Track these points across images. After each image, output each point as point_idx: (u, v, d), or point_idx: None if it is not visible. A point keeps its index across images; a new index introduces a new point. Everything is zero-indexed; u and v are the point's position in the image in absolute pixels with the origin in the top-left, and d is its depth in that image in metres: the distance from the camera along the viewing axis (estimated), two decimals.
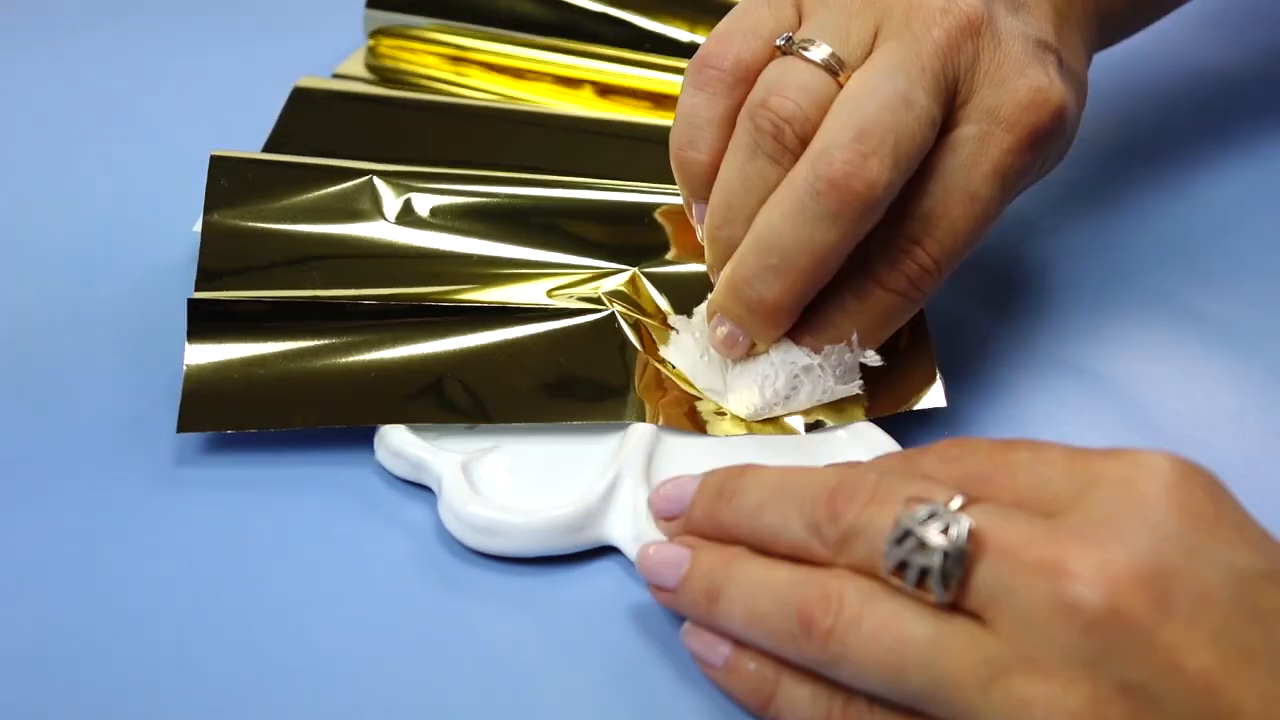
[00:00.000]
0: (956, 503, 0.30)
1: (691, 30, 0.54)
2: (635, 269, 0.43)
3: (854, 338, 0.39)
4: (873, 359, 0.39)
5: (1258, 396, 0.43)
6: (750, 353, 0.40)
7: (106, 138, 0.55)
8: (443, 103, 0.52)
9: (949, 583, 0.29)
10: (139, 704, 0.33)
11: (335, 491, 0.39)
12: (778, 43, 0.38)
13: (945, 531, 0.29)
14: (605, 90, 0.54)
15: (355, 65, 0.57)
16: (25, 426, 0.41)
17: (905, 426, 0.41)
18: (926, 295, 0.39)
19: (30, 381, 0.43)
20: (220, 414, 0.39)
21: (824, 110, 0.37)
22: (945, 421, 0.41)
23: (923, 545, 0.29)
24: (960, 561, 0.29)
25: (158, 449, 0.40)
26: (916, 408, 0.40)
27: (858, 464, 0.35)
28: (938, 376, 0.41)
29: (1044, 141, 0.39)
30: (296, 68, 0.54)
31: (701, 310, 0.42)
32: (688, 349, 0.41)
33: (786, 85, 0.37)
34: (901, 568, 0.30)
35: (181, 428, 0.39)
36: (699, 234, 0.40)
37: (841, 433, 0.40)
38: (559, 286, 0.43)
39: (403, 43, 0.57)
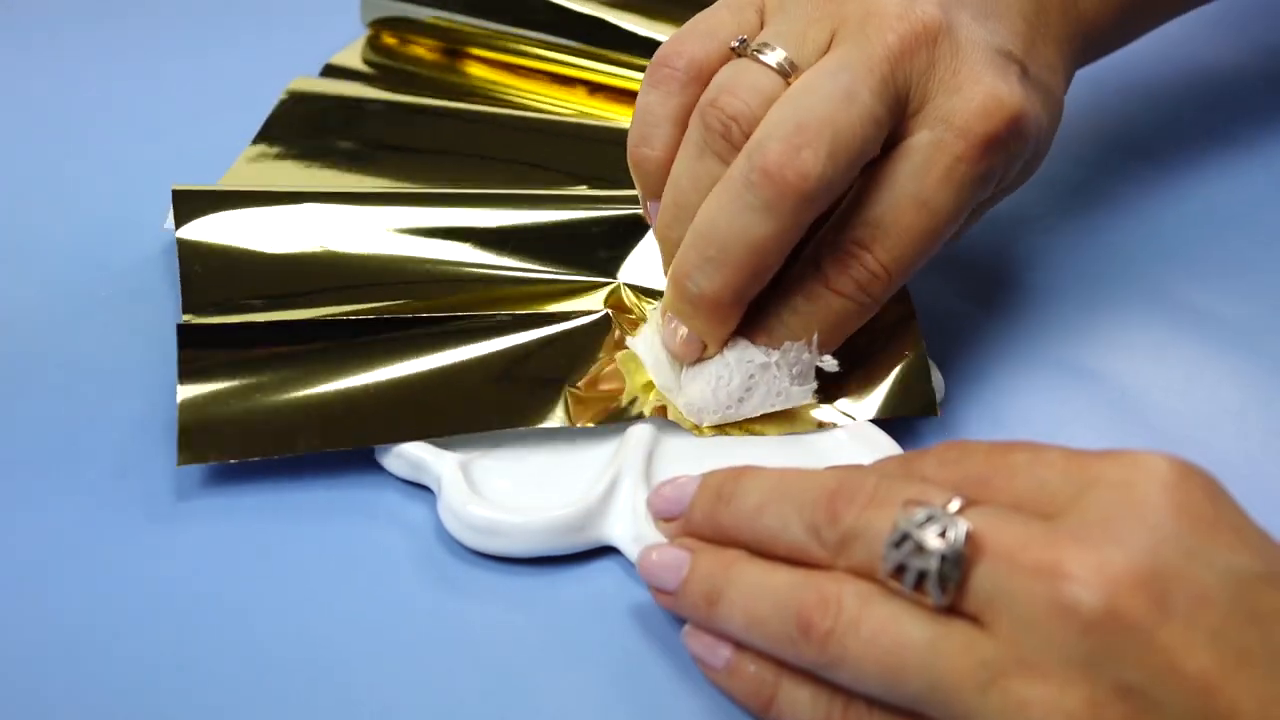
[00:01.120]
0: (954, 505, 0.30)
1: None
2: (619, 281, 0.43)
3: (813, 339, 0.38)
4: (829, 364, 0.39)
5: (1259, 395, 0.43)
6: (703, 355, 0.40)
7: (106, 137, 0.55)
8: (432, 106, 0.52)
9: (946, 586, 0.29)
10: (139, 704, 0.33)
11: (335, 491, 0.39)
12: (733, 45, 0.38)
13: (943, 535, 0.29)
14: (596, 89, 0.54)
15: (352, 57, 0.57)
16: (25, 427, 0.41)
17: (905, 427, 0.41)
18: (877, 300, 0.39)
19: (30, 382, 0.43)
20: (220, 446, 0.39)
21: None
22: (944, 423, 0.41)
23: (920, 548, 0.29)
24: (957, 564, 0.29)
25: (158, 449, 0.40)
26: (914, 413, 0.40)
27: (858, 467, 0.35)
28: (935, 381, 0.41)
29: (999, 149, 0.38)
30: (295, 66, 0.54)
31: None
32: (654, 344, 0.41)
33: (737, 85, 0.37)
34: (900, 571, 0.30)
35: (181, 460, 0.38)
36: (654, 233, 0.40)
37: (842, 434, 0.40)
38: (547, 296, 0.43)
39: (400, 34, 0.57)
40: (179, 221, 0.43)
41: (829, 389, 0.40)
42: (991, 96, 0.38)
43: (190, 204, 0.44)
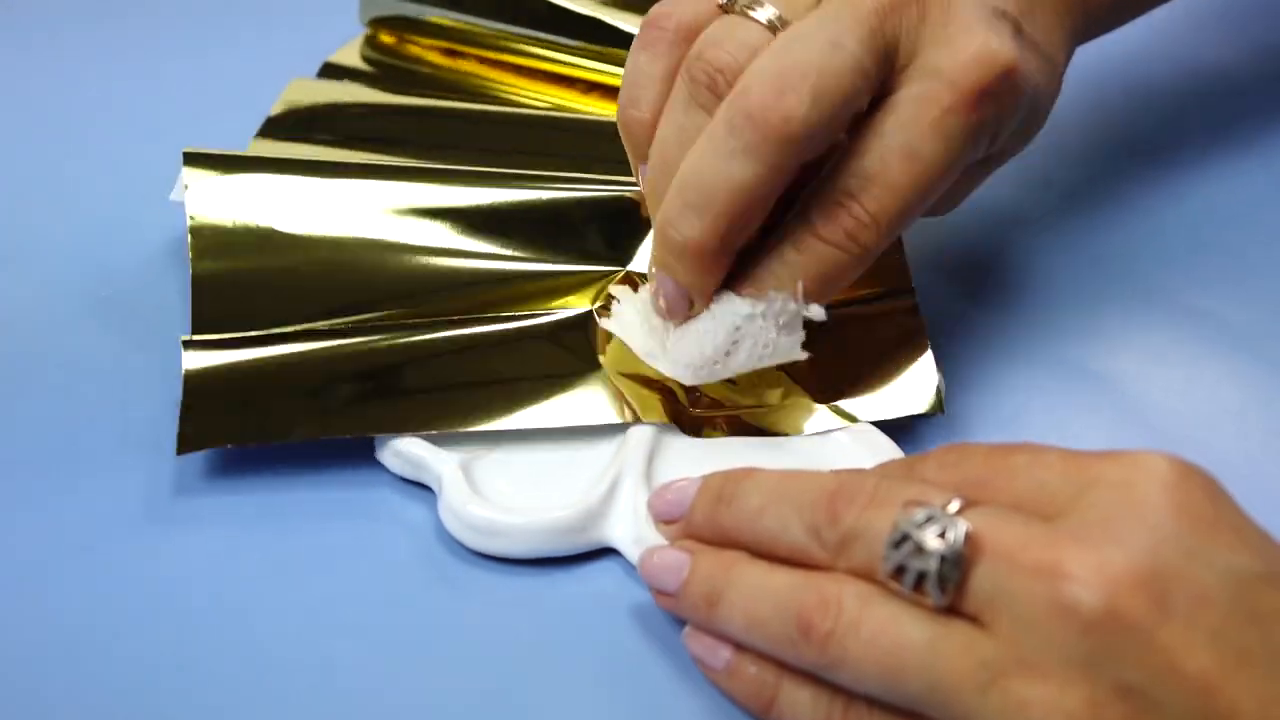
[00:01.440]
0: (954, 506, 0.30)
1: None
2: (626, 268, 0.43)
3: (799, 287, 0.38)
4: (816, 313, 0.38)
5: (1259, 395, 0.43)
6: (690, 314, 0.39)
7: (106, 137, 0.55)
8: (432, 107, 0.52)
9: (946, 586, 0.29)
10: (138, 704, 0.33)
11: (335, 492, 0.39)
12: (720, 2, 0.38)
13: (942, 535, 0.29)
14: (592, 88, 0.54)
15: (350, 55, 0.57)
16: (25, 427, 0.41)
17: (906, 430, 0.41)
18: (867, 250, 0.38)
19: (30, 381, 0.43)
20: (219, 432, 0.39)
21: None
22: (945, 423, 0.41)
23: (920, 549, 0.29)
24: (957, 565, 0.29)
25: (158, 449, 0.40)
26: (915, 413, 0.40)
27: (859, 470, 0.35)
28: (937, 382, 0.41)
29: (990, 101, 0.38)
30: (295, 66, 0.54)
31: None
32: (627, 317, 0.40)
33: (724, 39, 0.37)
34: (899, 571, 0.30)
35: (181, 449, 0.38)
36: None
37: (843, 436, 0.40)
38: (555, 291, 0.43)
39: (399, 33, 0.57)
40: (189, 181, 0.43)
41: (832, 389, 0.40)
42: (983, 49, 0.38)
43: (201, 166, 0.44)
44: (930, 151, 0.37)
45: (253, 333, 0.41)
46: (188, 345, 0.40)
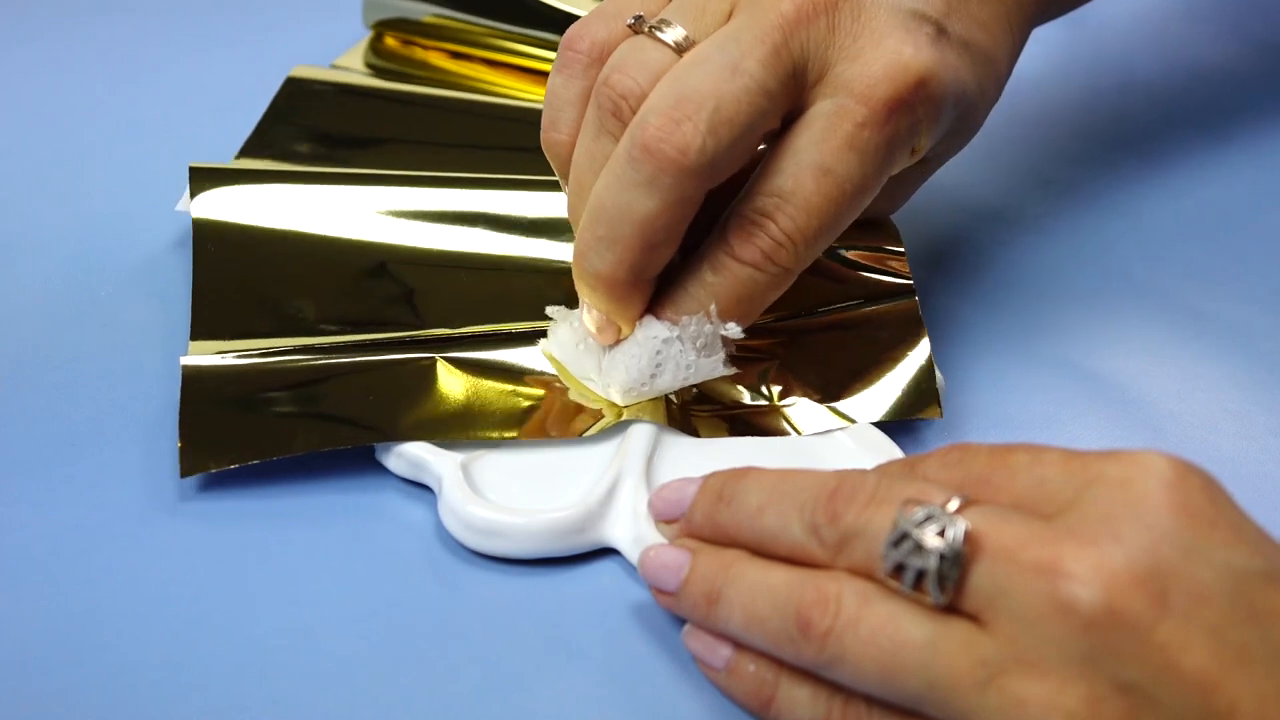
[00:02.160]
0: (954, 505, 0.30)
1: None
2: None
3: (712, 309, 0.38)
4: (733, 331, 0.38)
5: (1259, 395, 0.43)
6: (620, 337, 0.39)
7: (106, 137, 0.55)
8: (435, 96, 0.52)
9: (945, 585, 0.29)
10: (138, 703, 0.33)
11: (335, 491, 0.39)
12: (628, 21, 0.38)
13: (941, 534, 0.29)
14: None
15: (354, 59, 0.57)
16: (25, 427, 0.41)
17: (906, 430, 0.41)
18: (787, 269, 0.38)
19: (30, 381, 0.43)
20: (221, 453, 0.39)
21: None
22: (945, 423, 0.41)
23: (919, 547, 0.29)
24: (956, 563, 0.29)
25: (157, 448, 0.40)
26: (916, 415, 0.40)
27: (859, 469, 0.35)
28: (937, 383, 0.41)
29: (904, 113, 0.38)
30: (296, 64, 0.54)
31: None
32: (564, 339, 0.41)
33: (628, 63, 0.37)
34: (899, 570, 0.30)
35: (185, 472, 0.38)
36: None
37: (843, 437, 0.40)
38: (550, 294, 0.43)
39: (403, 35, 0.57)
40: (194, 194, 0.44)
41: (833, 389, 0.40)
42: (894, 60, 0.37)
43: (206, 180, 0.44)
44: (844, 168, 0.37)
45: (253, 344, 0.41)
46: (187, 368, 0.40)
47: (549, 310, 0.42)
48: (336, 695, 0.34)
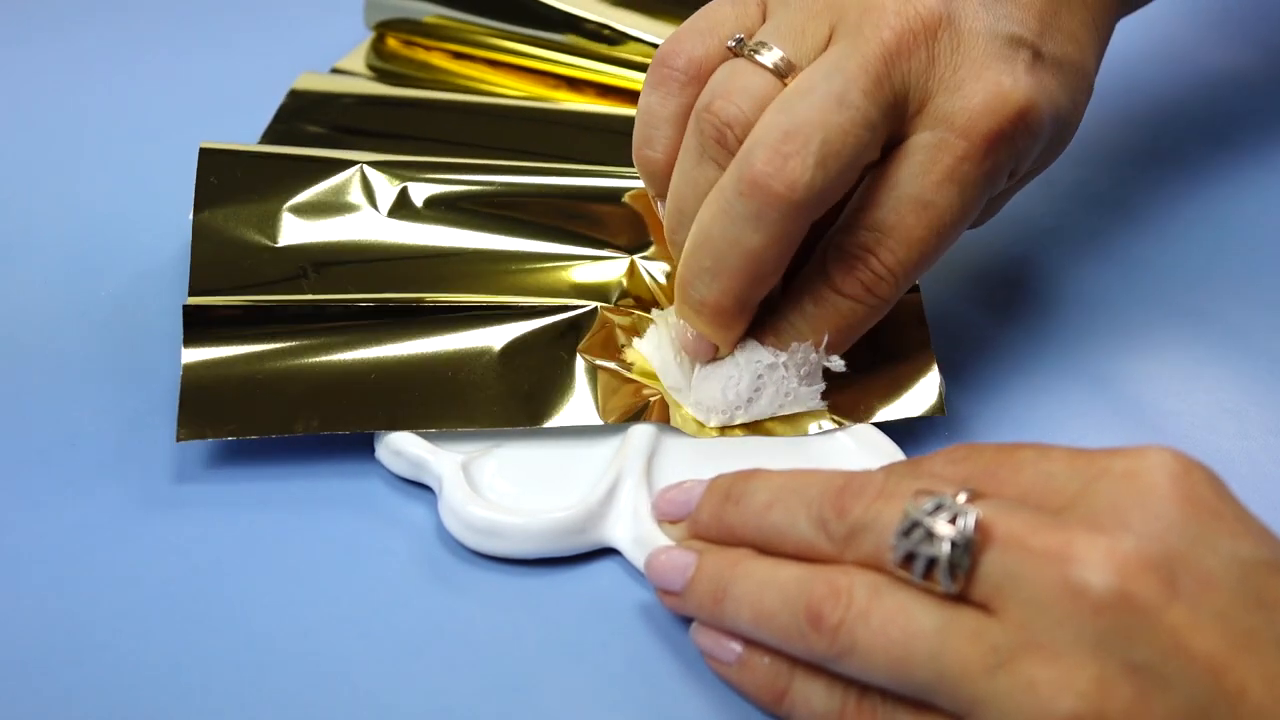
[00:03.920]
0: (962, 497, 0.30)
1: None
2: (633, 257, 0.44)
3: (822, 340, 0.38)
4: (837, 364, 0.39)
5: (1260, 395, 0.44)
6: (715, 356, 0.40)
7: (107, 137, 0.55)
8: (441, 100, 0.52)
9: (956, 573, 0.29)
10: (138, 703, 0.33)
11: (335, 491, 0.39)
12: (729, 44, 0.38)
13: (952, 521, 0.29)
14: (605, 91, 0.54)
15: (356, 61, 0.57)
16: (25, 426, 0.41)
17: (909, 432, 0.41)
18: (886, 301, 0.38)
19: (30, 381, 0.43)
20: (220, 422, 0.39)
21: None
22: (947, 423, 0.42)
23: (930, 535, 0.29)
24: (967, 551, 0.29)
25: (157, 448, 0.40)
26: (918, 415, 0.40)
27: (866, 470, 0.35)
28: (938, 384, 0.41)
29: (1004, 146, 0.38)
30: (297, 65, 0.54)
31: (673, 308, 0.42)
32: (663, 345, 0.41)
33: (731, 89, 0.37)
34: (909, 559, 0.30)
35: (181, 436, 0.38)
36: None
37: (845, 438, 0.40)
38: (558, 281, 0.43)
39: (405, 36, 0.57)
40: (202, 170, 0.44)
41: (835, 392, 0.40)
42: (994, 93, 0.37)
43: (215, 168, 0.44)
44: (945, 201, 0.37)
45: (252, 298, 0.41)
46: (189, 324, 0.40)
47: (654, 313, 0.42)
48: (336, 695, 0.34)
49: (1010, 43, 0.38)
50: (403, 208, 0.44)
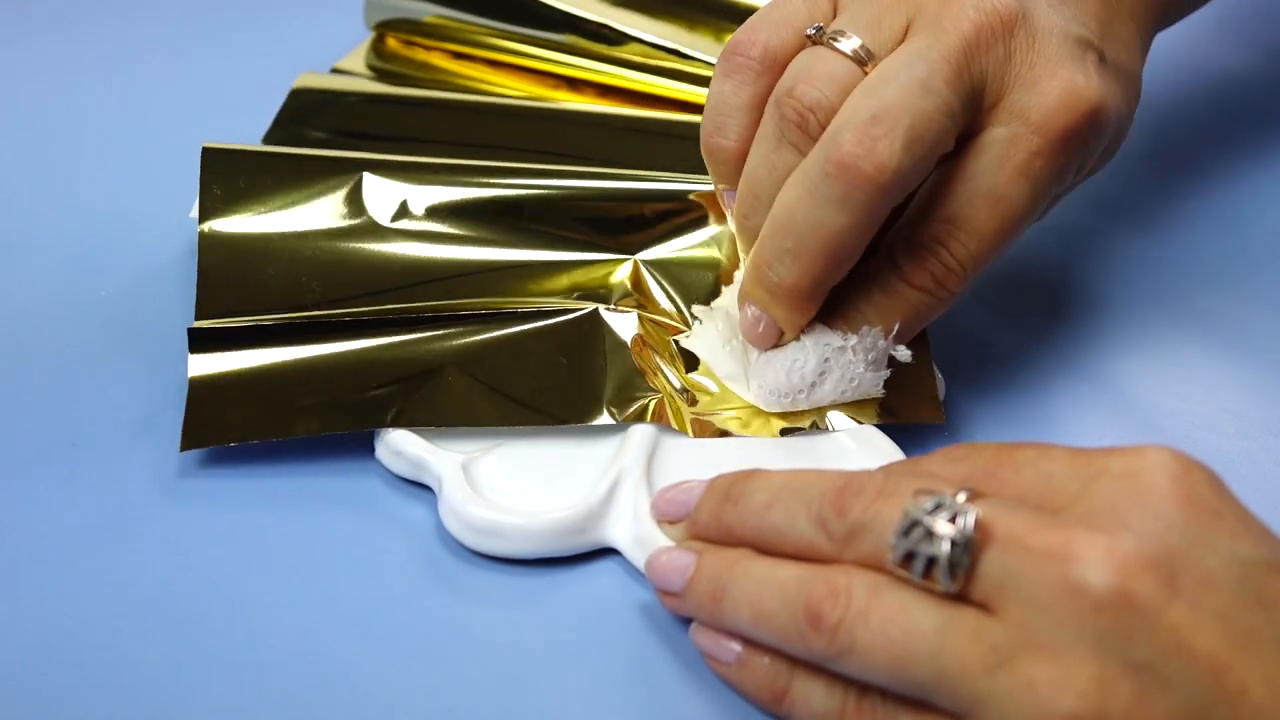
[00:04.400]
0: (962, 497, 0.30)
1: (690, 31, 0.54)
2: (634, 257, 0.44)
3: (893, 328, 0.39)
4: (903, 354, 0.39)
5: (1260, 395, 0.44)
6: (778, 343, 0.40)
7: (107, 137, 0.55)
8: (442, 100, 0.52)
9: (956, 572, 0.29)
10: (138, 703, 0.33)
11: (335, 491, 0.39)
12: (809, 32, 0.38)
13: (952, 520, 0.29)
14: (606, 91, 0.54)
15: (356, 61, 0.57)
16: (25, 426, 0.41)
17: (909, 432, 0.40)
18: (954, 294, 0.39)
19: (30, 381, 0.43)
20: (222, 430, 0.39)
21: None
22: (947, 423, 0.41)
23: (930, 534, 0.29)
24: (967, 550, 0.29)
25: (158, 449, 0.40)
26: (916, 420, 0.40)
27: (866, 470, 0.35)
28: (939, 386, 0.41)
29: (1076, 144, 0.38)
30: (297, 65, 0.54)
31: (722, 300, 0.42)
32: (710, 337, 0.41)
33: (814, 74, 0.37)
34: (909, 559, 0.30)
35: (184, 446, 0.39)
36: (729, 221, 0.41)
37: (845, 439, 0.40)
38: (559, 284, 0.43)
39: (405, 36, 0.57)
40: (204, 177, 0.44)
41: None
42: (1069, 91, 0.38)
43: (218, 175, 0.44)
44: (1016, 195, 0.38)
45: (257, 319, 0.41)
46: (194, 340, 0.40)
47: (696, 309, 0.42)
48: (336, 695, 0.34)
49: (1080, 43, 0.39)
50: (404, 215, 0.44)
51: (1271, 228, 0.51)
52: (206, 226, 0.43)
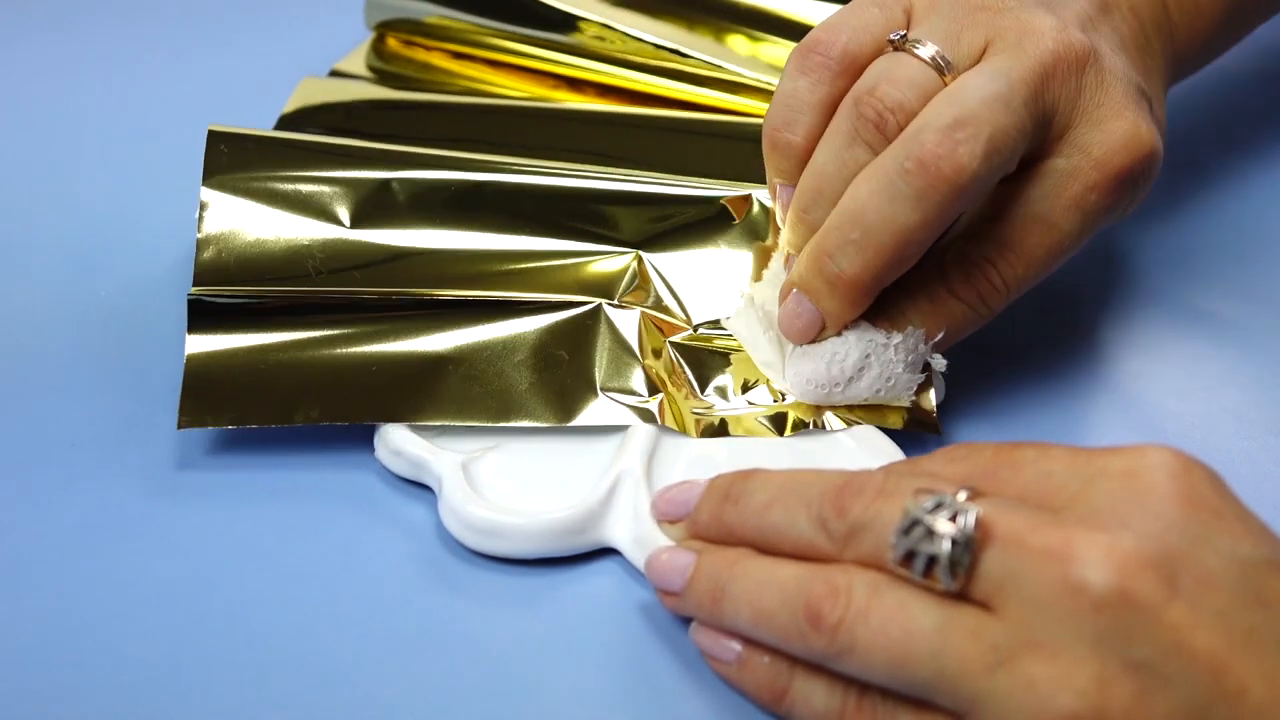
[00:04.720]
0: (962, 496, 0.30)
1: (690, 31, 0.54)
2: (638, 251, 0.44)
3: (938, 335, 0.39)
4: (939, 363, 0.40)
5: (1260, 395, 0.44)
6: (817, 338, 0.40)
7: (107, 138, 0.55)
8: (442, 101, 0.53)
9: (957, 570, 0.29)
10: (138, 703, 0.33)
11: (335, 491, 0.39)
12: (891, 38, 0.39)
13: (953, 519, 0.29)
14: (606, 91, 0.54)
15: (356, 62, 0.57)
16: (26, 426, 0.41)
17: (908, 431, 0.40)
18: (994, 311, 0.40)
19: (30, 381, 0.43)
20: (221, 410, 0.39)
21: None
22: (947, 424, 0.41)
23: (931, 533, 0.29)
24: (968, 549, 0.29)
25: (157, 449, 0.40)
26: (916, 426, 0.40)
27: (866, 469, 0.35)
28: (937, 380, 0.41)
29: (1130, 184, 0.40)
30: (297, 65, 0.55)
31: (764, 285, 0.42)
32: (752, 321, 0.41)
33: (896, 77, 0.38)
34: (909, 557, 0.30)
35: (182, 424, 0.39)
36: (779, 216, 0.41)
37: (846, 439, 0.40)
38: (564, 277, 0.43)
39: (405, 37, 0.57)
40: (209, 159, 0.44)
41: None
42: (1133, 134, 0.39)
43: (225, 140, 0.44)
44: (1068, 225, 0.39)
45: (258, 289, 0.41)
46: (193, 315, 0.40)
47: (743, 290, 0.42)
48: (336, 695, 0.34)
49: (1139, 91, 0.40)
50: (409, 203, 0.44)
51: (1271, 228, 0.51)
52: (210, 185, 0.43)
